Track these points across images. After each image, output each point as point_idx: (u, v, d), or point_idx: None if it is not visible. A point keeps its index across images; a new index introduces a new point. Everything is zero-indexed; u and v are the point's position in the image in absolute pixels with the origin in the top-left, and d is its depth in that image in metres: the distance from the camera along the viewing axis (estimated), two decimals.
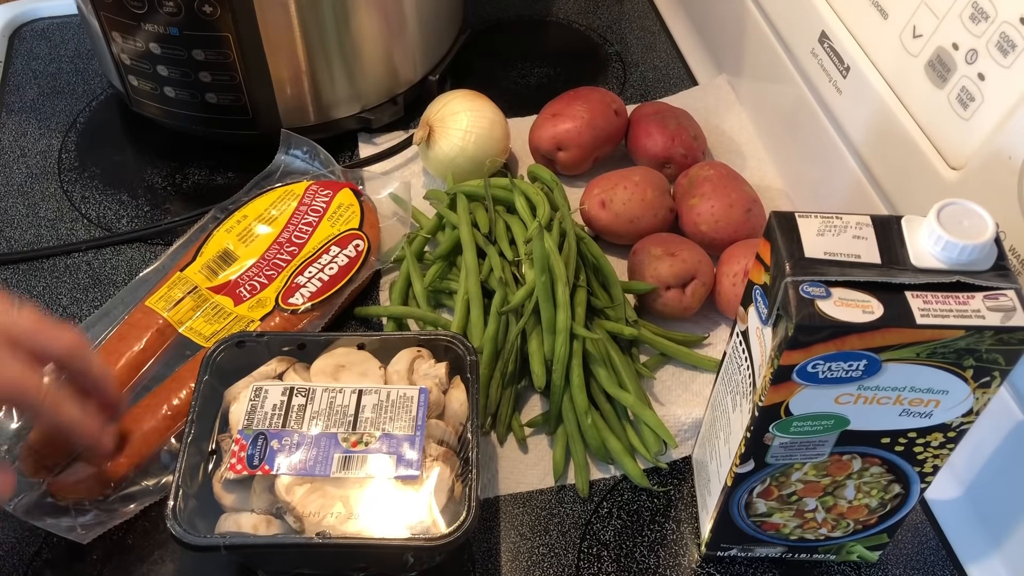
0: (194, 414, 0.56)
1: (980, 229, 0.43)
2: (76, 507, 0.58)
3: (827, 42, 0.69)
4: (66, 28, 0.96)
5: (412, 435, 0.55)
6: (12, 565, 0.59)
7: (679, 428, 0.65)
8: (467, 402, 0.57)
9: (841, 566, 0.60)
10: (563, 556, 0.60)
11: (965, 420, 0.47)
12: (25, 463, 0.59)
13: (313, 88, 0.79)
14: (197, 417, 0.56)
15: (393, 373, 0.58)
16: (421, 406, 0.56)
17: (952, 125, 0.57)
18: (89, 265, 0.76)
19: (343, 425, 0.55)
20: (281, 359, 0.59)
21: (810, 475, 0.52)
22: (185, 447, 0.54)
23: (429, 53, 0.86)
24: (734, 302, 0.68)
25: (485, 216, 0.72)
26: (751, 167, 0.83)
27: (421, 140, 0.78)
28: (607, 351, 0.65)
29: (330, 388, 0.56)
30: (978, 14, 0.55)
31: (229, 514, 0.53)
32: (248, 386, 0.57)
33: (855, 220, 0.46)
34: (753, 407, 0.48)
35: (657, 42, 0.97)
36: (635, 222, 0.73)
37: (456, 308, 0.68)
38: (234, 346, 0.59)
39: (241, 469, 0.53)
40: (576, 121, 0.78)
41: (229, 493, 0.53)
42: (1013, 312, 0.42)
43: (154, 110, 0.81)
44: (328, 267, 0.70)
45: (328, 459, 0.53)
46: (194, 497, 0.53)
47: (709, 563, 0.60)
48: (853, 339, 0.43)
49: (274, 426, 0.55)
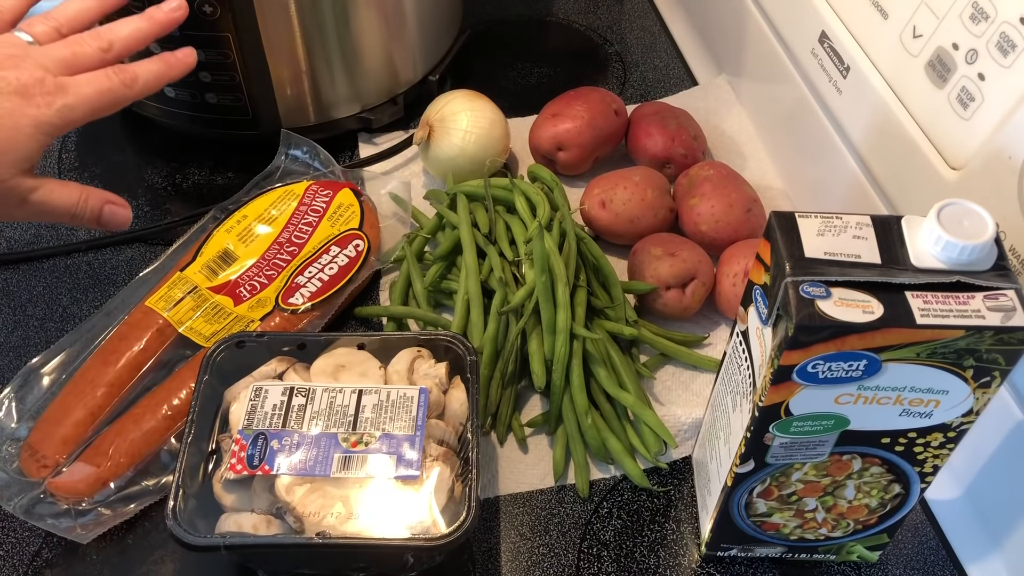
0: (194, 414, 0.56)
1: (980, 229, 0.43)
2: (76, 507, 0.58)
3: (827, 42, 0.69)
4: None
5: (412, 435, 0.55)
6: (12, 565, 0.59)
7: (679, 428, 0.65)
8: (467, 402, 0.57)
9: (841, 566, 0.60)
10: (563, 556, 0.60)
11: (965, 420, 0.47)
12: (25, 463, 0.59)
13: (313, 88, 0.79)
14: (197, 417, 0.56)
15: (393, 373, 0.58)
16: (421, 406, 0.56)
17: (952, 125, 0.57)
18: (89, 265, 0.76)
19: (343, 425, 0.55)
20: (281, 359, 0.59)
21: (810, 475, 0.52)
22: (185, 447, 0.54)
23: (429, 53, 0.86)
24: (734, 302, 0.68)
25: (485, 216, 0.72)
26: (751, 167, 0.83)
27: (421, 140, 0.78)
28: (607, 351, 0.65)
29: (330, 388, 0.56)
30: (978, 14, 0.55)
31: (229, 514, 0.53)
32: (248, 386, 0.57)
33: (855, 220, 0.46)
34: (753, 407, 0.48)
35: (657, 42, 0.97)
36: (635, 222, 0.73)
37: (456, 308, 0.68)
38: (234, 346, 0.59)
39: (241, 469, 0.53)
40: (576, 121, 0.78)
41: (229, 493, 0.53)
42: (1013, 312, 0.42)
43: (154, 110, 0.81)
44: (328, 267, 0.70)
45: (328, 459, 0.53)
46: (194, 497, 0.53)
47: (709, 563, 0.60)
48: (853, 339, 0.43)
49: (274, 426, 0.55)
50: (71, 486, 0.58)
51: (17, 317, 0.72)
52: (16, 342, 0.70)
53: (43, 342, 0.70)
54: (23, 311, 0.72)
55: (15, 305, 0.73)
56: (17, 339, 0.71)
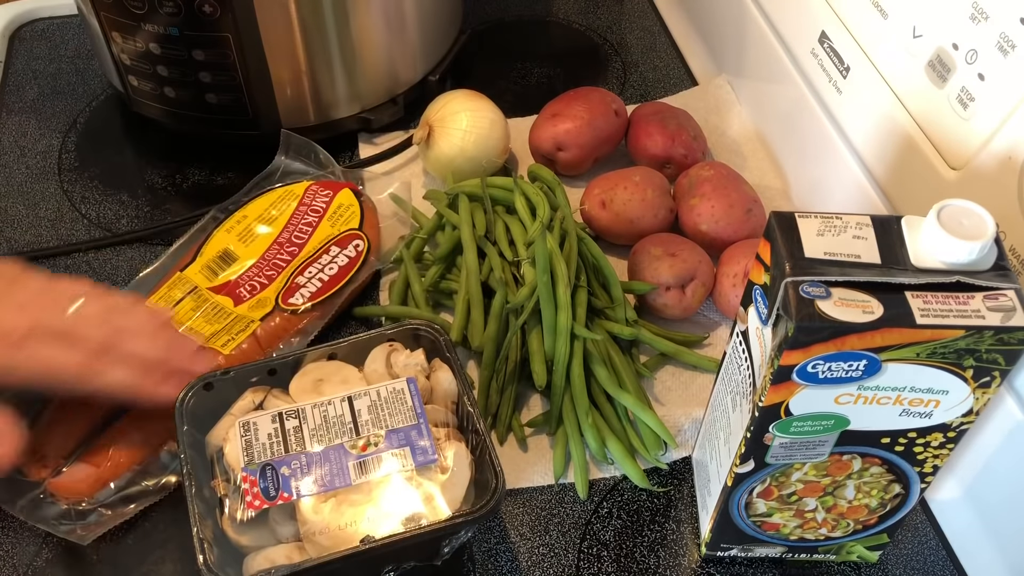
0: (187, 466, 0.54)
1: (980, 229, 0.43)
2: (76, 507, 0.58)
3: (827, 42, 0.69)
4: (66, 28, 0.96)
5: (417, 424, 0.55)
6: (12, 565, 0.59)
7: (679, 428, 0.65)
8: (455, 379, 0.58)
9: (841, 566, 0.60)
10: (563, 556, 0.60)
11: (965, 420, 0.47)
12: (25, 464, 0.59)
13: (313, 88, 0.79)
14: (192, 469, 0.54)
15: (372, 373, 0.59)
16: (414, 395, 0.56)
17: (952, 125, 0.57)
18: (89, 265, 0.76)
19: (345, 434, 0.55)
20: (255, 390, 0.58)
21: (810, 475, 0.52)
22: (191, 499, 0.53)
23: (429, 53, 0.86)
24: (734, 302, 0.68)
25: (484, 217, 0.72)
26: (751, 167, 0.83)
27: (421, 140, 0.78)
28: (607, 351, 0.65)
29: (318, 403, 0.56)
30: (978, 14, 0.55)
31: (254, 554, 0.52)
32: (231, 425, 0.55)
33: (855, 220, 0.46)
34: (753, 407, 0.48)
35: (657, 42, 0.97)
36: (635, 222, 0.73)
37: (456, 308, 0.68)
38: (202, 389, 0.57)
39: (260, 504, 0.52)
40: (576, 121, 0.78)
41: (244, 533, 0.53)
42: (1013, 312, 0.42)
43: (154, 110, 0.81)
44: (328, 267, 0.70)
45: (344, 469, 0.53)
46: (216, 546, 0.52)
47: (709, 563, 0.60)
48: (853, 339, 0.43)
49: (277, 454, 0.54)
50: (71, 486, 0.58)
51: None
52: None
53: None
54: None
55: None
56: None
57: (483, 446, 0.55)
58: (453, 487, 0.54)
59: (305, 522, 0.52)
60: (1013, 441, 0.56)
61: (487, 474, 0.54)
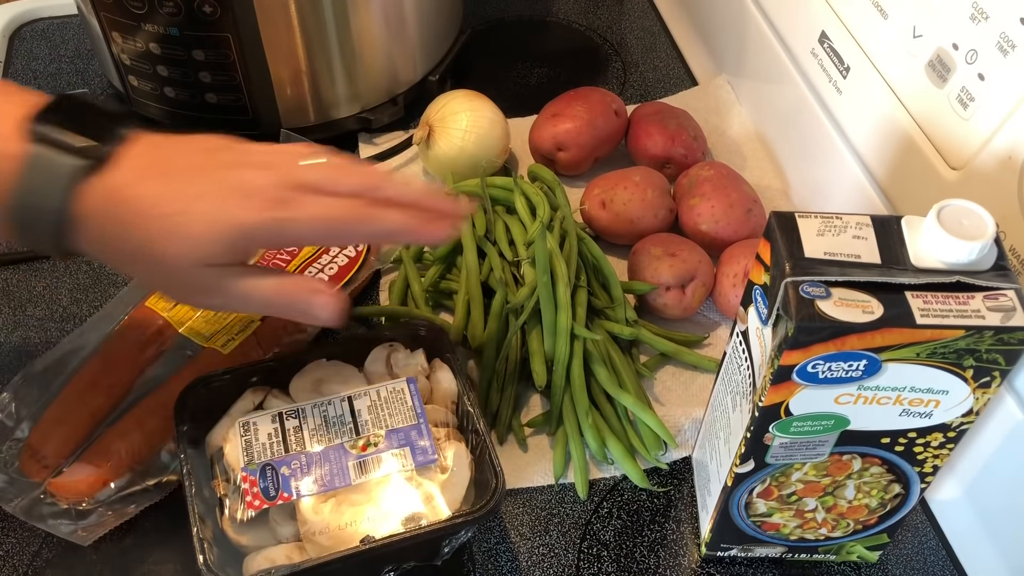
0: (187, 466, 0.54)
1: (980, 229, 0.43)
2: (76, 507, 0.58)
3: (827, 42, 0.69)
4: (66, 28, 0.96)
5: (417, 424, 0.55)
6: (12, 565, 0.59)
7: (679, 428, 0.65)
8: (455, 379, 0.58)
9: (841, 566, 0.60)
10: (563, 556, 0.60)
11: (965, 420, 0.47)
12: (26, 464, 0.59)
13: (313, 88, 0.79)
14: (192, 468, 0.54)
15: (372, 373, 0.59)
16: (414, 395, 0.57)
17: (952, 125, 0.57)
18: (89, 265, 0.76)
19: (345, 434, 0.55)
20: (254, 390, 0.58)
21: (810, 475, 0.52)
22: (191, 500, 0.53)
23: (429, 53, 0.86)
24: (734, 302, 0.68)
25: (484, 216, 0.72)
26: (751, 167, 0.83)
27: (421, 140, 0.78)
28: (607, 351, 0.65)
29: (318, 403, 0.56)
30: (978, 14, 0.55)
31: (253, 554, 0.52)
32: (231, 426, 0.55)
33: (855, 220, 0.46)
34: (753, 407, 0.48)
35: (657, 42, 0.97)
36: (635, 222, 0.73)
37: (456, 308, 0.68)
38: (201, 388, 0.57)
39: (260, 504, 0.52)
40: (576, 121, 0.78)
41: (244, 533, 0.53)
42: (1013, 312, 0.42)
43: (154, 110, 0.81)
44: (328, 267, 0.70)
45: (343, 469, 0.53)
46: (216, 546, 0.52)
47: (709, 563, 0.60)
48: (853, 339, 0.43)
49: (277, 454, 0.54)
50: (72, 486, 0.58)
51: (17, 317, 0.72)
52: (16, 342, 0.70)
53: (43, 342, 0.70)
54: (23, 311, 0.72)
55: (15, 305, 0.73)
56: (17, 339, 0.70)
57: (483, 446, 0.55)
58: (453, 487, 0.54)
59: (305, 522, 0.52)
60: (1013, 441, 0.56)
61: (487, 474, 0.54)
